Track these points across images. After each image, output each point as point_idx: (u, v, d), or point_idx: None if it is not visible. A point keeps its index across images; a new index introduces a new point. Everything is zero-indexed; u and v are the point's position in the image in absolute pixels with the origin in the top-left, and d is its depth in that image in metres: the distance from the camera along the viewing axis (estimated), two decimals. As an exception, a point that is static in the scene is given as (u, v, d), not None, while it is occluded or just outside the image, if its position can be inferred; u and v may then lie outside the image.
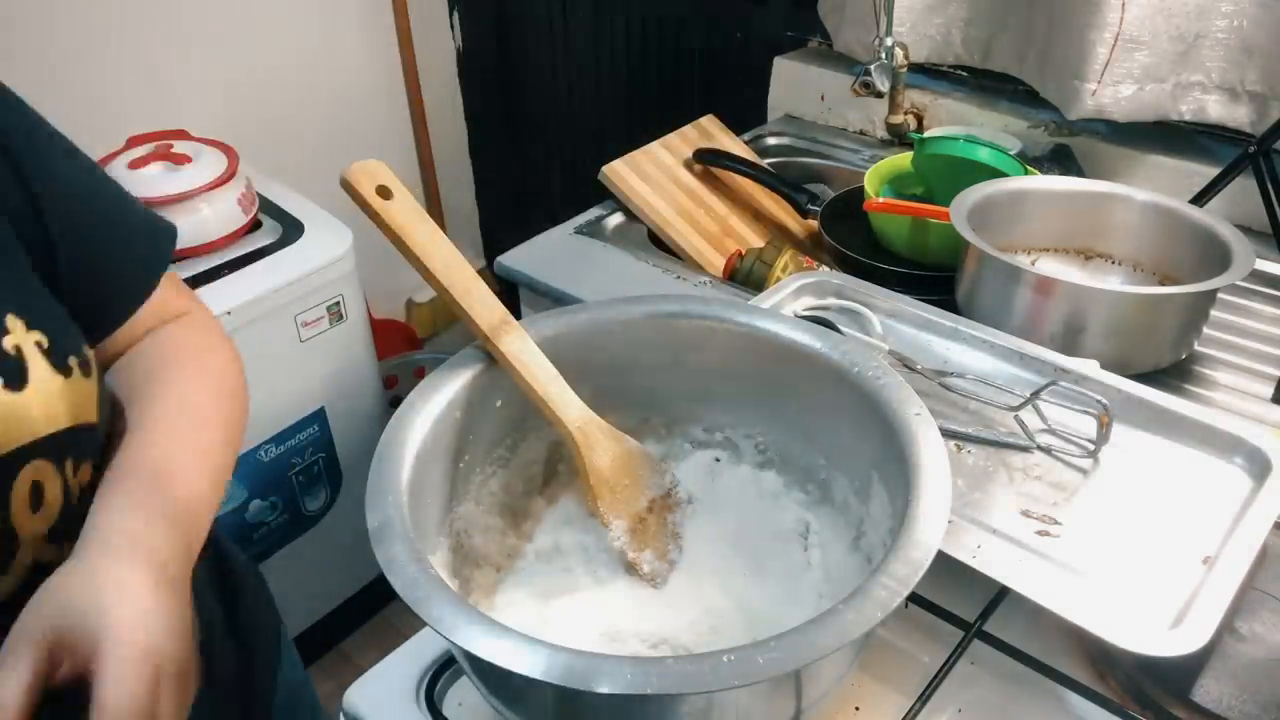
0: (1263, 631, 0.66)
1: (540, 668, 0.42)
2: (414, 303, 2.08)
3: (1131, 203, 0.97)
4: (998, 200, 0.97)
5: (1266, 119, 1.09)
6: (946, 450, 0.54)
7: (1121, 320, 0.84)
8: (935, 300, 0.85)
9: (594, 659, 0.43)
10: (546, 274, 1.14)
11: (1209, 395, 0.88)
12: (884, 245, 1.16)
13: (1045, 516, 0.64)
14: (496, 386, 0.61)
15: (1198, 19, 1.09)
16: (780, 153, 1.46)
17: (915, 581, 0.45)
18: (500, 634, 0.44)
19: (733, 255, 1.14)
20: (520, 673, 0.42)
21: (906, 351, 0.77)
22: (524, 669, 0.42)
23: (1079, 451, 0.68)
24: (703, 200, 1.25)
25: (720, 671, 0.41)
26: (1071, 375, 0.73)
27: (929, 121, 1.36)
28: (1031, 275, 0.86)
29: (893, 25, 1.18)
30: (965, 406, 0.73)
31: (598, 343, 0.65)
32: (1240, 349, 0.94)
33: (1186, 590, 0.56)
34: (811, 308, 0.85)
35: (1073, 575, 0.59)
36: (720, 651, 0.42)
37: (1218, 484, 0.65)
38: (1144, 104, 1.14)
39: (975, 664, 0.61)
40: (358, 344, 1.51)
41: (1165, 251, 0.96)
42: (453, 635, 0.43)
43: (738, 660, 0.42)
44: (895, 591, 0.45)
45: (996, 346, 0.78)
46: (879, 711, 0.58)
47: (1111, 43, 1.10)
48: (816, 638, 0.43)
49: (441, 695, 0.61)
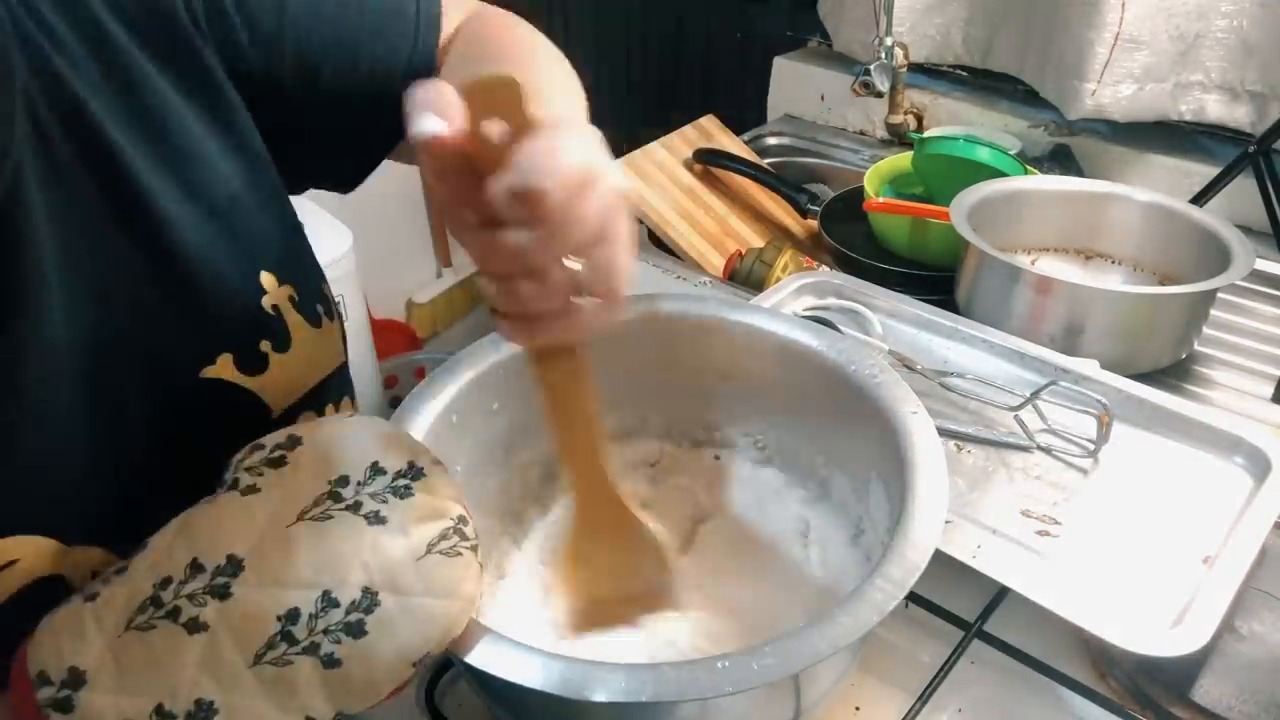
0: (1263, 631, 0.66)
1: (537, 678, 0.41)
2: (414, 303, 2.08)
3: (1131, 203, 0.97)
4: (998, 200, 0.97)
5: (1266, 119, 1.09)
6: (945, 450, 0.54)
7: (1121, 320, 0.84)
8: (935, 300, 0.85)
9: (588, 667, 0.42)
10: (546, 274, 1.13)
11: (1209, 395, 0.88)
12: (884, 245, 1.16)
13: (1045, 516, 0.64)
14: (495, 391, 0.61)
15: (1198, 19, 1.09)
16: (780, 153, 1.46)
17: (911, 584, 0.45)
18: (494, 641, 0.43)
19: (733, 255, 1.14)
20: (515, 682, 0.41)
21: (906, 351, 0.77)
22: (518, 678, 0.41)
23: (1079, 451, 0.68)
24: (703, 200, 1.25)
25: (715, 678, 0.41)
26: (1071, 375, 0.73)
27: (929, 121, 1.36)
28: (1031, 275, 0.86)
29: (893, 25, 1.18)
30: (965, 406, 0.73)
31: (597, 343, 0.65)
32: (1240, 349, 0.94)
33: (1186, 590, 0.56)
34: (811, 308, 0.84)
35: (1073, 575, 0.59)
36: (714, 658, 0.42)
37: (1218, 484, 0.65)
38: (1144, 104, 1.14)
39: (975, 664, 0.61)
40: (358, 344, 1.51)
41: (1165, 251, 0.96)
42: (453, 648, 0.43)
43: (732, 667, 0.41)
44: (891, 594, 0.45)
45: (996, 346, 0.78)
46: (879, 711, 0.58)
47: (1111, 42, 1.10)
48: (812, 643, 0.43)
49: (442, 696, 0.61)
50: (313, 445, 0.42)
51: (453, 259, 2.11)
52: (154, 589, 0.39)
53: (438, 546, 0.41)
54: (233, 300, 0.50)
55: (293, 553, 0.39)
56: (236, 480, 0.42)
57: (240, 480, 0.41)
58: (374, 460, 0.42)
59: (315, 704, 0.39)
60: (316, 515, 0.40)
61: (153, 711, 0.37)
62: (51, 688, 0.37)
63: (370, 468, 0.42)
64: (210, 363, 0.49)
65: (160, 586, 0.39)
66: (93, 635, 0.38)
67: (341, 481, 0.41)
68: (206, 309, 0.49)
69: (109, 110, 0.44)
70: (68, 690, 0.37)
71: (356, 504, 0.41)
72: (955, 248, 0.93)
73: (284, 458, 0.42)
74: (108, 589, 0.40)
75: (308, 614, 0.38)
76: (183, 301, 0.48)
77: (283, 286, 0.51)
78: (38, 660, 0.38)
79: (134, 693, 0.38)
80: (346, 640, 0.39)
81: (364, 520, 0.40)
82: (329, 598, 0.39)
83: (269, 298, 0.50)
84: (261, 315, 0.50)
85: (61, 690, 0.37)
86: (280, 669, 0.38)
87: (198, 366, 0.49)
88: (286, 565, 0.39)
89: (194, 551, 0.39)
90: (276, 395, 0.51)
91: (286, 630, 0.38)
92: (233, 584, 0.38)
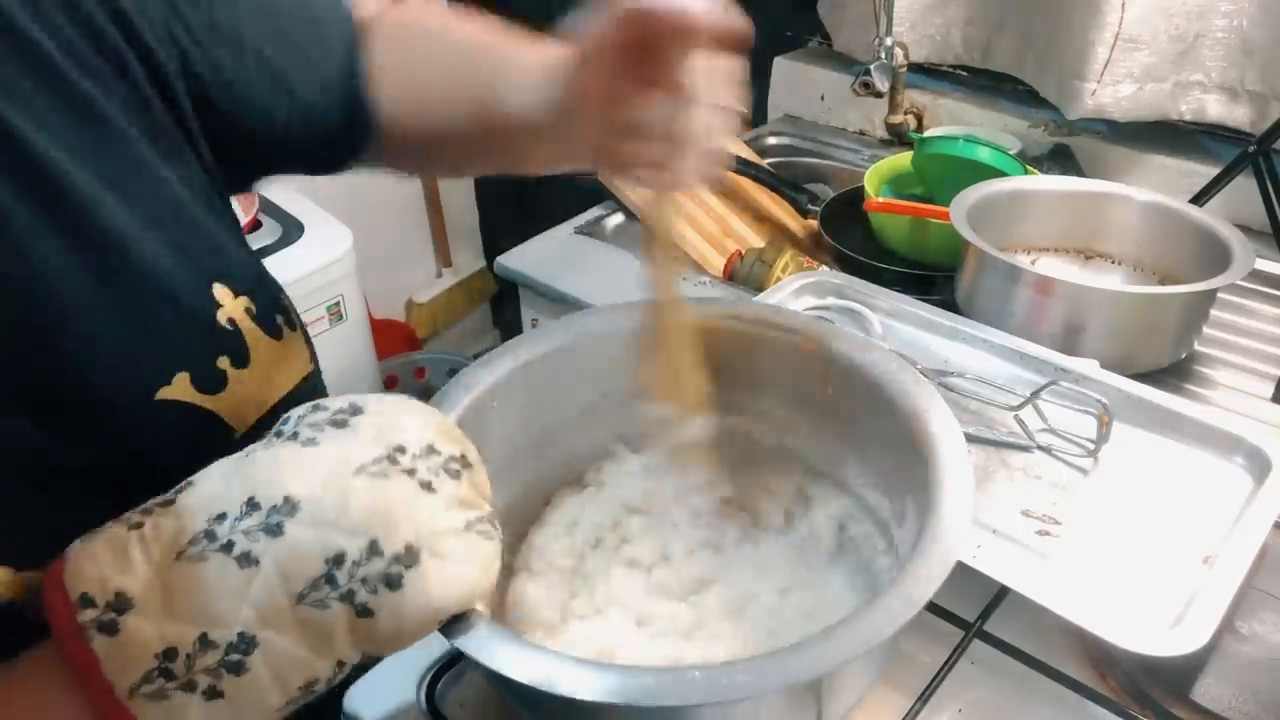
0: (1263, 631, 0.66)
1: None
2: (414, 303, 2.08)
3: (1131, 203, 0.97)
4: (998, 200, 0.97)
5: (1266, 119, 1.09)
6: (970, 463, 0.53)
7: (1121, 320, 0.84)
8: (935, 300, 0.85)
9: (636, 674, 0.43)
10: (547, 274, 1.14)
11: (1209, 395, 0.88)
12: (884, 245, 1.16)
13: (1045, 516, 0.64)
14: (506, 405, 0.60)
15: (1198, 19, 1.09)
16: (780, 153, 1.46)
17: (929, 597, 0.45)
18: (516, 644, 0.44)
19: (733, 255, 1.14)
20: (532, 685, 0.42)
21: (906, 351, 0.77)
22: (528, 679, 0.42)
23: (1079, 451, 0.68)
24: (703, 200, 1.25)
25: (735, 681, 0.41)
26: (1071, 375, 0.73)
27: (929, 121, 1.36)
28: (1031, 275, 0.86)
29: (893, 25, 1.18)
30: (965, 406, 0.73)
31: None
32: (1240, 349, 0.94)
33: (1186, 590, 0.56)
34: (811, 308, 0.84)
35: (1073, 575, 0.59)
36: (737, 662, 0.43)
37: (1218, 484, 0.65)
38: (1144, 104, 1.14)
39: (975, 664, 0.61)
40: (358, 344, 1.51)
41: (1165, 251, 0.96)
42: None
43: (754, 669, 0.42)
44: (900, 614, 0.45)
45: (996, 346, 0.78)
46: (879, 711, 0.58)
47: (1111, 42, 1.10)
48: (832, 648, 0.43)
49: (442, 695, 0.61)
50: (374, 416, 0.43)
51: (453, 259, 2.11)
52: (208, 523, 0.40)
53: (476, 526, 0.43)
54: (185, 314, 0.48)
55: (349, 499, 0.40)
56: (297, 433, 0.42)
57: (301, 433, 0.42)
58: (430, 442, 0.43)
59: (345, 649, 0.41)
60: (374, 471, 0.41)
61: (196, 639, 0.38)
62: (95, 609, 0.38)
63: (426, 447, 0.43)
64: (166, 382, 0.48)
65: (215, 520, 0.40)
66: (139, 562, 0.39)
67: (399, 450, 0.42)
68: (158, 325, 0.47)
69: (39, 123, 0.43)
70: (112, 613, 0.38)
71: (412, 470, 0.42)
72: (955, 248, 0.93)
73: (346, 421, 0.43)
74: (153, 520, 0.40)
75: (352, 560, 0.39)
76: (133, 318, 0.47)
77: (238, 298, 0.50)
78: (79, 582, 0.38)
79: (180, 620, 0.38)
80: (383, 591, 0.40)
81: (417, 484, 0.42)
82: (375, 546, 0.40)
83: (224, 311, 0.49)
84: (217, 329, 0.49)
85: (106, 613, 0.38)
86: (319, 612, 0.39)
87: (153, 388, 0.47)
88: (341, 510, 0.40)
89: (250, 490, 0.40)
90: (239, 414, 0.50)
91: (330, 574, 0.39)
92: (286, 523, 0.39)
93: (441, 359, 1.91)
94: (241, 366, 0.49)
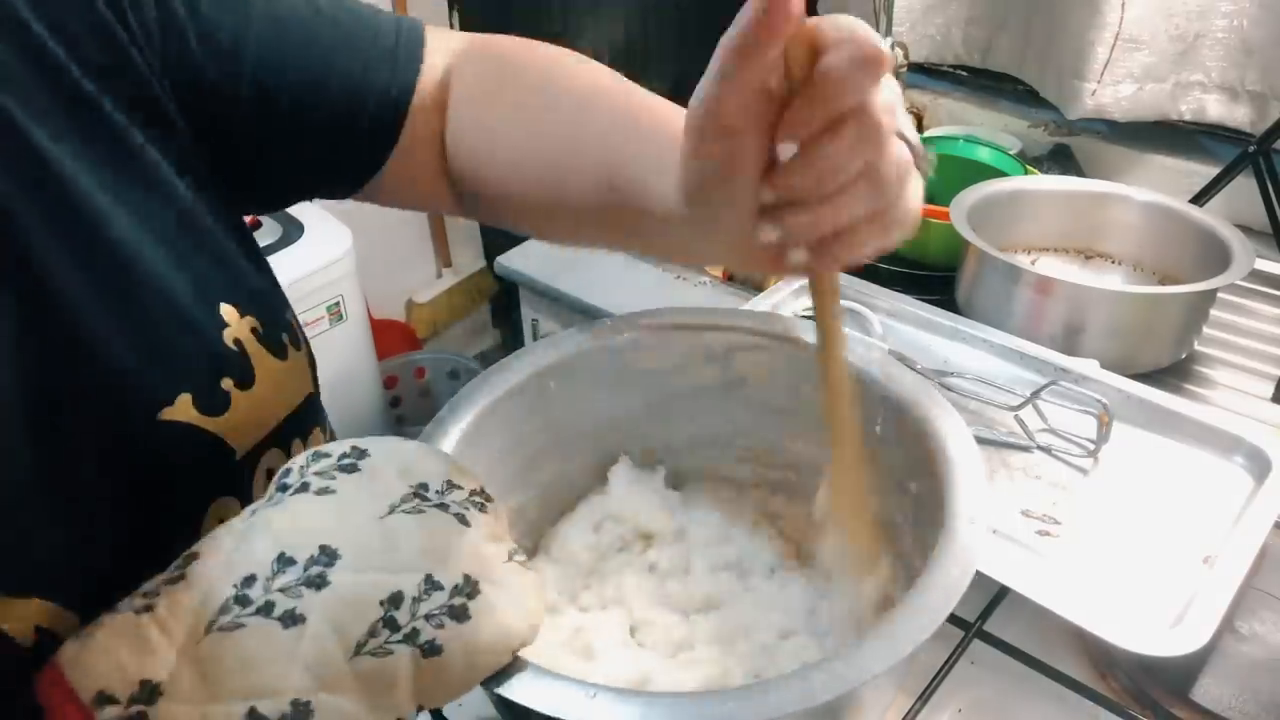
0: (1263, 631, 0.66)
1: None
2: (414, 303, 2.07)
3: (1131, 203, 0.97)
4: (998, 200, 0.97)
5: (1266, 119, 1.09)
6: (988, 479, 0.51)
7: (1121, 320, 0.84)
8: (935, 300, 0.85)
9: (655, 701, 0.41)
10: (546, 274, 1.14)
11: (1209, 395, 0.88)
12: (884, 245, 1.15)
13: (1045, 516, 0.64)
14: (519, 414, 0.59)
15: (1198, 19, 1.09)
16: (780, 153, 1.46)
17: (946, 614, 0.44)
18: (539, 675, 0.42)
19: (733, 255, 1.14)
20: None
21: (906, 351, 0.77)
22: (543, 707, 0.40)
23: (1079, 451, 0.68)
24: (703, 200, 1.25)
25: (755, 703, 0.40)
26: (1071, 375, 0.73)
27: (929, 121, 1.36)
28: (1031, 275, 0.86)
29: (893, 25, 1.18)
30: (965, 406, 0.73)
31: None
32: (1240, 349, 0.94)
33: (1186, 590, 0.56)
34: (811, 308, 0.84)
35: (1073, 575, 0.59)
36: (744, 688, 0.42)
37: (1218, 484, 0.65)
38: (1144, 104, 1.14)
39: (975, 664, 0.61)
40: (358, 344, 1.51)
41: (1165, 251, 0.96)
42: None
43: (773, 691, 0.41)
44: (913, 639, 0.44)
45: (996, 346, 0.78)
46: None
47: (1111, 42, 1.10)
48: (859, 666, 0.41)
49: (441, 695, 0.61)
50: (384, 456, 0.42)
51: (453, 259, 2.11)
52: (236, 588, 0.37)
53: (515, 556, 0.42)
54: (191, 333, 0.47)
55: (392, 538, 0.39)
56: (306, 484, 0.41)
57: (311, 484, 0.41)
58: (449, 478, 0.42)
59: (405, 701, 0.38)
60: (408, 509, 0.40)
61: (245, 715, 0.35)
62: (118, 706, 0.34)
63: (447, 483, 0.42)
64: (169, 403, 0.45)
65: (244, 584, 0.37)
66: (160, 645, 0.36)
67: (423, 487, 0.41)
68: (164, 343, 0.46)
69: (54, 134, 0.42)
70: (139, 705, 0.35)
71: (444, 505, 0.41)
72: (955, 248, 0.93)
73: (356, 465, 0.41)
74: (165, 598, 0.37)
75: (411, 597, 0.38)
76: (138, 335, 0.45)
77: (245, 318, 0.48)
78: (90, 680, 0.35)
79: (221, 698, 0.35)
80: (450, 624, 0.38)
81: (455, 519, 0.41)
82: (432, 580, 0.38)
83: (231, 331, 0.47)
84: (223, 350, 0.47)
85: (132, 706, 0.35)
86: (380, 660, 0.37)
87: (155, 408, 0.45)
88: (389, 549, 0.38)
89: (279, 547, 0.38)
90: (240, 436, 0.48)
91: (389, 616, 0.37)
92: (328, 572, 0.37)
93: (441, 359, 1.91)
94: (246, 387, 0.47)
